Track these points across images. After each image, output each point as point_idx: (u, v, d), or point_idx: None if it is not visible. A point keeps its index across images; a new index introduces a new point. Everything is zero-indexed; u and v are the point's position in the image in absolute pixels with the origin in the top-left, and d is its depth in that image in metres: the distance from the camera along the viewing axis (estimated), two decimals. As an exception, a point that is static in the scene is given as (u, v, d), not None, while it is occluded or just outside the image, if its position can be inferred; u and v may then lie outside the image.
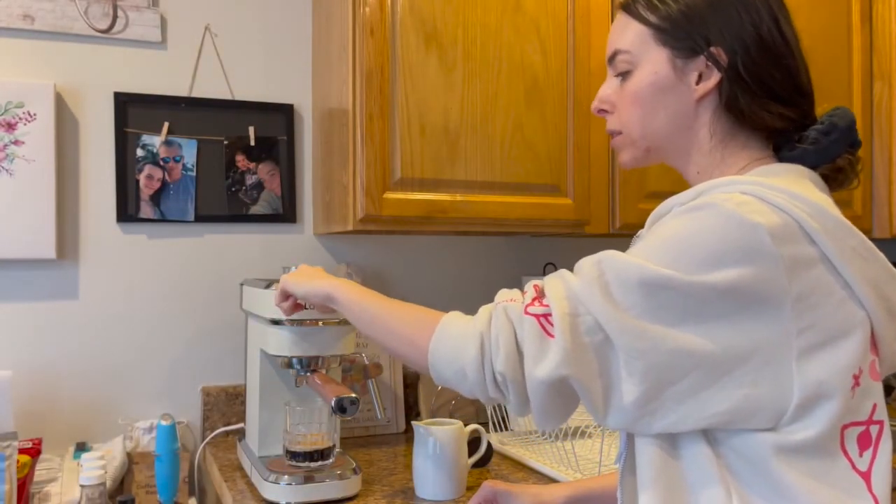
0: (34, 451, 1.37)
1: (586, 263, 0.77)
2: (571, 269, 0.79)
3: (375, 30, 1.40)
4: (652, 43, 0.86)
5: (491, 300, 0.96)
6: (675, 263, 0.71)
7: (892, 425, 0.80)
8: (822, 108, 0.87)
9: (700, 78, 0.85)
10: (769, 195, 0.74)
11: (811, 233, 0.73)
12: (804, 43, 0.88)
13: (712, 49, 0.83)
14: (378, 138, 1.41)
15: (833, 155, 0.83)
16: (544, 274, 1.90)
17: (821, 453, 0.73)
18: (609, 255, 0.75)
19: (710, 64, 0.84)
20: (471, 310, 0.85)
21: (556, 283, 0.77)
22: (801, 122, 0.85)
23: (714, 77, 0.84)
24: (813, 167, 0.84)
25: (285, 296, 1.14)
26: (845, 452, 0.74)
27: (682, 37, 0.85)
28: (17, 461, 1.26)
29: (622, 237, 1.91)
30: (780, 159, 0.85)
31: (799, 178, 0.80)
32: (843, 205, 1.90)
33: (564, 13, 1.57)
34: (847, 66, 1.88)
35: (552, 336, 0.74)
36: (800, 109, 0.85)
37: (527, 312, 0.76)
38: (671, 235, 0.73)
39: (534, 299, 0.77)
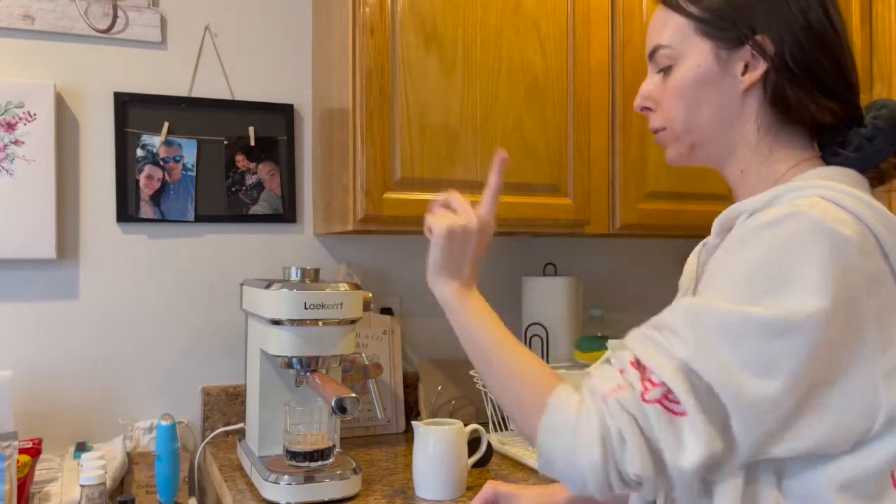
0: (34, 451, 1.37)
1: (677, 320, 0.70)
2: (572, 269, 0.77)
3: (375, 30, 1.40)
4: (694, 35, 0.83)
5: (491, 300, 0.95)
6: (773, 299, 0.66)
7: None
8: (866, 98, 0.83)
9: (746, 69, 0.81)
10: (849, 203, 0.70)
11: (884, 245, 0.70)
12: None
13: (758, 38, 0.79)
14: (378, 138, 1.41)
15: (877, 161, 0.80)
16: (544, 274, 1.90)
17: (883, 480, 0.70)
18: (704, 309, 0.69)
19: (755, 54, 0.80)
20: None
21: (658, 354, 0.69)
22: (848, 117, 0.81)
23: (760, 67, 0.80)
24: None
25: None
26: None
27: (726, 27, 0.81)
28: (17, 461, 1.26)
29: (622, 237, 1.91)
30: (826, 162, 0.81)
31: (858, 183, 0.76)
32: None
33: (564, 13, 1.57)
34: (847, 66, 1.88)
35: (682, 414, 0.67)
36: (846, 104, 0.81)
37: (645, 400, 0.67)
38: (761, 260, 0.68)
39: (642, 380, 0.69)
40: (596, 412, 0.69)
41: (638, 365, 0.70)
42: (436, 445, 1.24)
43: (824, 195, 0.71)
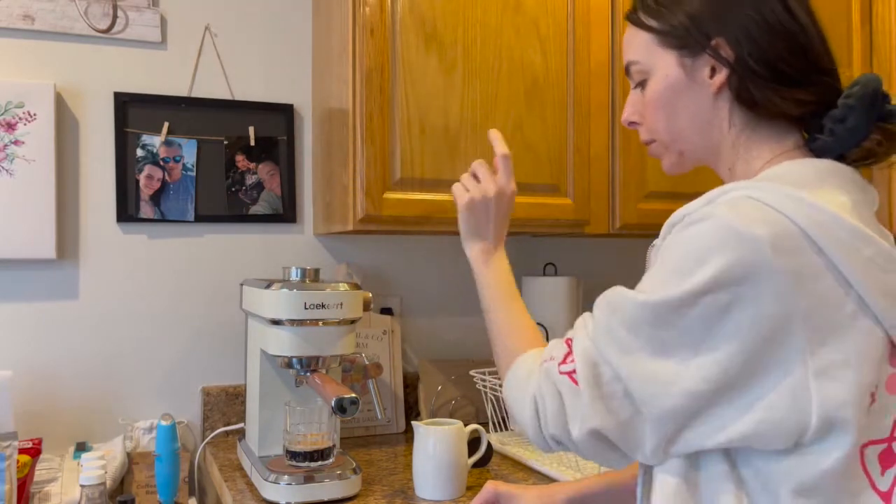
0: (34, 451, 1.37)
1: (598, 306, 0.78)
2: (572, 269, 0.79)
3: (375, 30, 1.40)
4: (658, 48, 0.86)
5: None
6: (678, 290, 0.70)
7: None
8: (846, 76, 0.82)
9: (712, 72, 0.83)
10: (776, 201, 0.71)
11: (818, 242, 0.69)
12: None
13: (714, 43, 0.81)
14: (378, 138, 1.41)
15: (855, 141, 0.78)
16: (544, 274, 1.90)
17: (839, 482, 0.70)
18: (616, 295, 0.76)
19: (716, 58, 0.82)
20: (469, 310, 0.86)
21: (580, 335, 0.78)
22: (826, 102, 0.80)
23: (724, 70, 0.82)
24: (841, 156, 0.80)
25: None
26: (866, 472, 0.71)
27: (684, 37, 0.84)
28: (17, 461, 1.26)
29: (622, 237, 1.91)
30: (811, 150, 0.82)
31: (822, 179, 0.76)
32: (843, 205, 1.91)
33: (564, 13, 1.57)
34: (847, 66, 1.88)
35: (578, 386, 0.75)
36: (821, 88, 0.81)
37: (560, 372, 0.77)
38: (671, 259, 0.73)
39: (565, 356, 0.78)
40: (536, 375, 0.81)
41: (571, 342, 0.80)
42: (436, 445, 1.24)
43: (750, 194, 0.73)
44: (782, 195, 0.71)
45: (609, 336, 0.75)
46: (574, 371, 0.76)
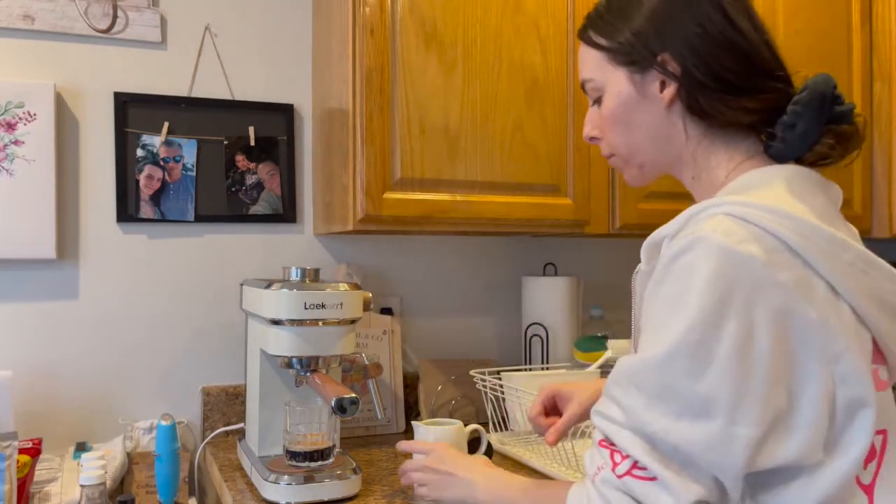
0: (34, 451, 1.37)
1: (617, 389, 0.73)
2: (572, 269, 0.78)
3: (375, 30, 1.40)
4: (608, 66, 0.87)
5: (491, 300, 0.99)
6: (690, 325, 0.68)
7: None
8: (799, 77, 0.83)
9: (662, 86, 0.84)
10: (756, 216, 0.71)
11: (802, 253, 0.70)
12: (803, 43, 0.86)
13: (660, 59, 0.83)
14: (378, 138, 1.41)
15: (808, 144, 0.79)
16: (544, 274, 1.90)
17: (848, 492, 0.71)
18: (628, 369, 0.72)
19: (668, 70, 0.83)
20: (469, 310, 0.86)
21: (614, 430, 0.73)
22: (778, 108, 0.81)
23: (672, 84, 0.83)
24: (799, 158, 0.81)
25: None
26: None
27: (631, 53, 0.85)
28: (17, 461, 1.26)
29: (622, 237, 1.91)
30: (769, 155, 0.83)
31: (789, 186, 0.77)
32: (843, 204, 1.90)
33: (564, 13, 1.57)
34: (847, 66, 1.88)
35: (653, 479, 0.69)
36: (772, 94, 0.82)
37: (619, 475, 0.71)
38: (671, 296, 0.70)
39: (612, 457, 0.73)
40: (593, 494, 0.74)
41: (607, 442, 0.74)
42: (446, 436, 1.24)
43: (730, 212, 0.72)
44: (760, 210, 0.72)
45: (647, 412, 0.70)
46: (635, 466, 0.70)
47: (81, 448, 1.48)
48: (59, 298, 1.55)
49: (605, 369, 1.59)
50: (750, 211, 0.72)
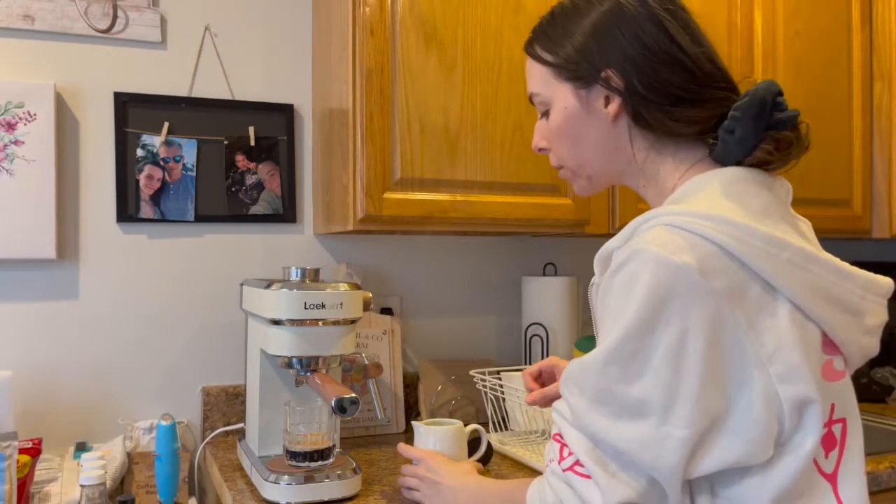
0: (34, 451, 1.37)
1: (565, 387, 0.78)
2: (572, 269, 0.79)
3: (375, 30, 1.40)
4: (554, 81, 0.89)
5: (491, 300, 0.99)
6: (624, 331, 0.72)
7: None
8: (747, 83, 0.84)
9: (607, 101, 0.86)
10: (692, 224, 0.73)
11: (740, 256, 0.72)
12: (803, 44, 0.86)
13: (603, 74, 0.84)
14: (378, 138, 1.41)
15: (746, 149, 0.81)
16: (544, 274, 1.90)
17: (806, 483, 0.74)
18: (576, 369, 0.77)
19: (611, 86, 0.84)
20: (469, 310, 0.86)
21: (564, 426, 0.78)
22: (724, 114, 0.82)
23: (617, 98, 0.85)
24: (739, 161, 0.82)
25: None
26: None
27: (576, 70, 0.87)
28: (17, 461, 1.26)
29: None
30: (714, 158, 0.84)
31: (728, 190, 0.78)
32: (843, 205, 1.91)
33: (564, 13, 1.56)
34: (847, 66, 1.88)
35: (588, 476, 0.74)
36: (717, 103, 0.83)
37: (564, 469, 0.77)
38: (610, 306, 0.75)
39: (560, 451, 0.78)
40: (546, 483, 0.79)
41: (559, 437, 0.79)
42: (435, 445, 1.24)
43: (668, 222, 0.75)
44: (698, 218, 0.74)
45: (589, 413, 0.74)
46: (577, 463, 0.75)
47: (81, 448, 1.48)
48: (59, 298, 1.55)
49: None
50: (687, 220, 0.74)
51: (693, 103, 0.83)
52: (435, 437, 1.25)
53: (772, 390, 0.71)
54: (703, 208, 0.75)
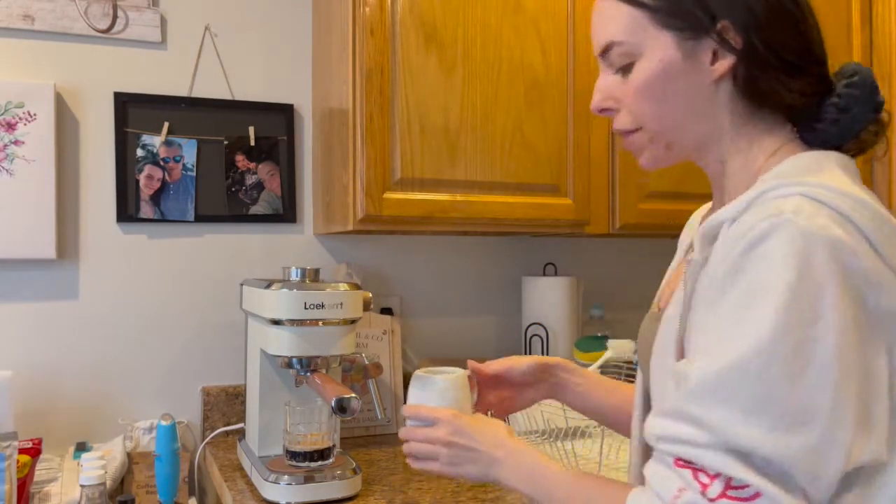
0: (34, 451, 1.37)
1: (708, 409, 0.63)
2: (572, 269, 0.76)
3: (375, 30, 1.40)
4: (651, 27, 0.75)
5: (491, 300, 0.96)
6: (777, 315, 0.61)
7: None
8: (832, 69, 0.78)
9: (715, 57, 0.75)
10: (831, 199, 0.65)
11: (871, 239, 0.64)
12: None
13: (720, 25, 0.73)
14: (378, 138, 1.41)
15: (856, 130, 0.75)
16: (544, 274, 1.90)
17: None
18: (727, 383, 0.62)
19: (721, 42, 0.74)
20: (469, 310, 0.85)
21: (699, 450, 0.63)
22: (820, 93, 0.76)
23: (729, 56, 0.74)
24: (837, 146, 0.76)
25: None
26: None
27: (685, 16, 0.74)
28: (17, 461, 1.26)
29: (622, 237, 1.91)
30: (804, 141, 0.77)
31: (840, 170, 0.71)
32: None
33: (564, 13, 1.57)
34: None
35: (757, 496, 0.61)
36: (817, 79, 0.76)
37: (714, 500, 0.62)
38: (753, 285, 0.62)
39: (695, 477, 0.63)
40: None
41: (684, 462, 0.64)
42: (444, 398, 0.97)
43: (806, 193, 0.65)
44: (836, 193, 0.65)
45: (742, 426, 0.61)
46: (729, 485, 0.61)
47: (81, 448, 1.48)
48: (59, 298, 1.55)
49: (605, 369, 1.59)
50: (826, 193, 0.65)
51: (804, 74, 0.75)
52: (446, 388, 0.98)
53: (892, 383, 0.64)
54: (837, 185, 0.66)
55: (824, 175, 0.69)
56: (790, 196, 0.65)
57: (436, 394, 0.96)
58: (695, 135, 0.78)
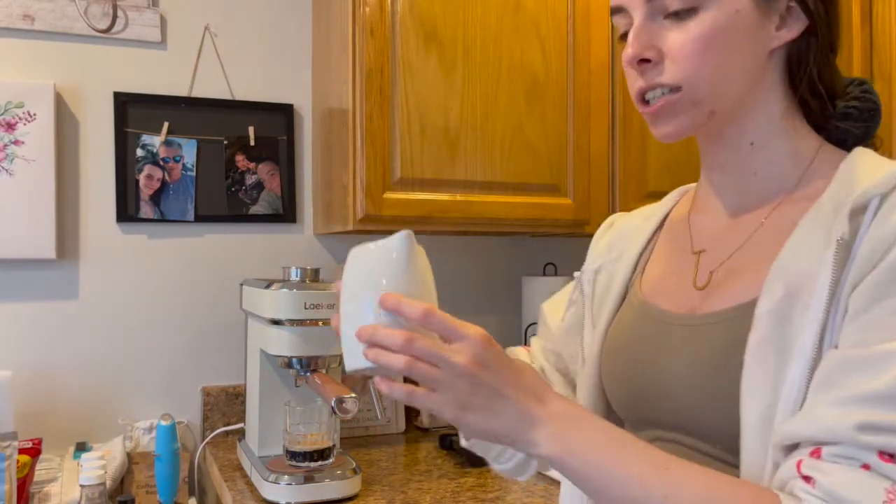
0: (34, 451, 1.37)
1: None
2: (572, 269, 0.68)
3: (375, 30, 1.40)
4: None
5: (491, 300, 0.93)
6: None
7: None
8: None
9: (782, 23, 0.67)
10: None
11: None
12: None
13: None
14: (378, 138, 1.41)
15: (871, 136, 0.71)
16: (544, 274, 1.90)
17: None
18: None
19: (793, 7, 0.66)
20: (469, 310, 0.85)
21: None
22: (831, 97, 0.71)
23: (798, 24, 0.67)
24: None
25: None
26: None
27: None
28: (17, 461, 1.26)
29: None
30: (833, 142, 0.72)
31: None
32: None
33: (564, 13, 1.57)
34: (847, 66, 1.88)
35: None
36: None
37: None
38: None
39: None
40: None
41: (889, 456, 0.53)
42: (415, 260, 0.67)
43: None
44: None
45: None
46: None
47: (81, 448, 1.48)
48: (58, 298, 1.55)
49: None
50: None
51: (835, 71, 0.70)
52: (418, 252, 0.68)
53: None
54: None
55: None
56: None
57: (408, 258, 0.65)
58: (742, 107, 0.69)
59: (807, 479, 0.54)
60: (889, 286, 0.56)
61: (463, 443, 0.87)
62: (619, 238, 0.87)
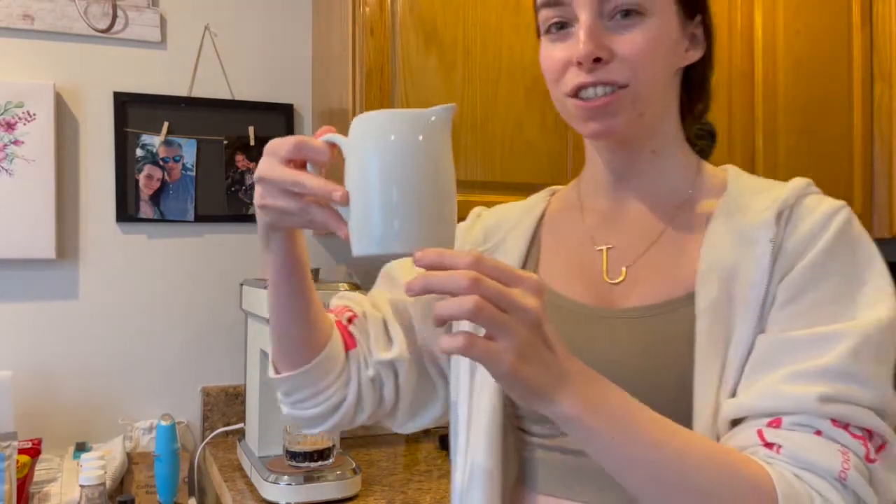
0: (34, 451, 1.37)
1: (865, 369, 0.61)
2: None
3: (375, 30, 1.40)
4: None
5: None
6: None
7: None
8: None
9: (690, 45, 0.74)
10: None
11: None
12: (804, 43, 0.85)
13: (699, 19, 0.74)
14: (378, 138, 1.41)
15: (711, 154, 0.83)
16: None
17: None
18: (877, 342, 0.62)
19: (698, 34, 0.74)
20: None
21: (860, 412, 0.60)
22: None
23: (700, 49, 0.74)
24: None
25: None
26: None
27: None
28: (17, 461, 1.26)
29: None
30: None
31: None
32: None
33: (564, 13, 1.57)
34: (847, 66, 1.88)
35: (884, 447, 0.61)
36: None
37: (872, 460, 0.59)
38: (869, 257, 0.67)
39: (865, 444, 0.60)
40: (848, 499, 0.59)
41: (843, 425, 0.59)
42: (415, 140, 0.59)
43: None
44: None
45: (887, 385, 0.61)
46: (877, 440, 0.60)
47: (81, 448, 1.48)
48: (58, 298, 1.55)
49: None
50: None
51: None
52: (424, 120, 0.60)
53: None
54: None
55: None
56: (816, 193, 0.73)
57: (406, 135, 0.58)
58: (660, 113, 0.74)
59: (769, 445, 0.60)
60: (812, 280, 0.65)
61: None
62: (495, 228, 0.90)
